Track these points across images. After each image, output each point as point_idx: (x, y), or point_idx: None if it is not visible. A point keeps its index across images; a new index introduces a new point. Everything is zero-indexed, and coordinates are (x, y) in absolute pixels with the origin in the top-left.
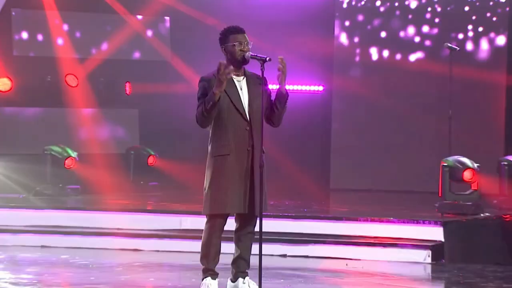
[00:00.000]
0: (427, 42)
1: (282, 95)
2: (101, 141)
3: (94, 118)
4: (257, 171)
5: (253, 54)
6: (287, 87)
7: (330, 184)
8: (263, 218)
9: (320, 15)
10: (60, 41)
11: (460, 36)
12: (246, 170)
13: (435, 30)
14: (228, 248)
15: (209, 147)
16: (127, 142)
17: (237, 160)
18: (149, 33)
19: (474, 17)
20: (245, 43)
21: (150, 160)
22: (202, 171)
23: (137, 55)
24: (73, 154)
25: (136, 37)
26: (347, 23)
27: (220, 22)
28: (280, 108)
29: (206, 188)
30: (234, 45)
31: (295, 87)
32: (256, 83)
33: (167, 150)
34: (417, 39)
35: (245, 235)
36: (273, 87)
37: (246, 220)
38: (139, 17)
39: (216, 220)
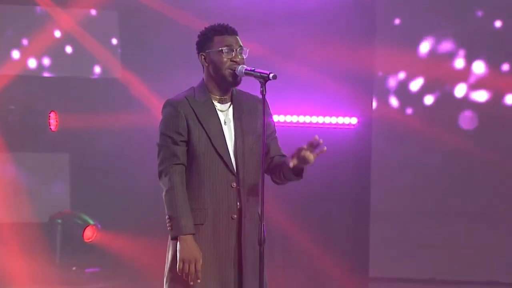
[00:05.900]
0: None
1: (295, 176)
2: (11, 204)
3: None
4: (251, 251)
5: (248, 68)
6: (303, 118)
7: (370, 270)
8: None
9: (355, 16)
10: None
11: None
12: (230, 248)
13: None
14: None
15: None
16: (52, 205)
17: (215, 233)
18: (87, 36)
19: None
20: (238, 49)
21: (88, 233)
22: (166, 249)
23: (68, 69)
24: None
25: (67, 42)
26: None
27: (199, 19)
28: (286, 180)
29: (166, 275)
30: (221, 51)
31: (317, 119)
32: (251, 112)
33: (114, 217)
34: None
35: None
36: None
37: None
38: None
39: None
